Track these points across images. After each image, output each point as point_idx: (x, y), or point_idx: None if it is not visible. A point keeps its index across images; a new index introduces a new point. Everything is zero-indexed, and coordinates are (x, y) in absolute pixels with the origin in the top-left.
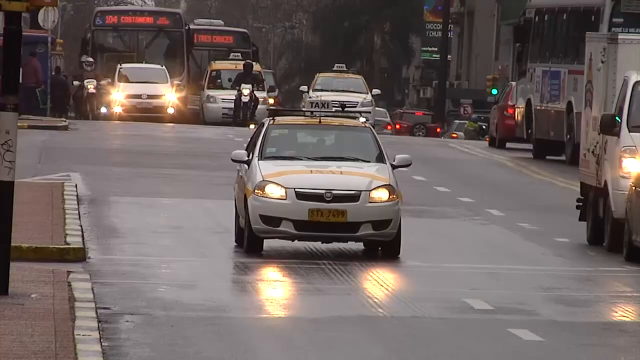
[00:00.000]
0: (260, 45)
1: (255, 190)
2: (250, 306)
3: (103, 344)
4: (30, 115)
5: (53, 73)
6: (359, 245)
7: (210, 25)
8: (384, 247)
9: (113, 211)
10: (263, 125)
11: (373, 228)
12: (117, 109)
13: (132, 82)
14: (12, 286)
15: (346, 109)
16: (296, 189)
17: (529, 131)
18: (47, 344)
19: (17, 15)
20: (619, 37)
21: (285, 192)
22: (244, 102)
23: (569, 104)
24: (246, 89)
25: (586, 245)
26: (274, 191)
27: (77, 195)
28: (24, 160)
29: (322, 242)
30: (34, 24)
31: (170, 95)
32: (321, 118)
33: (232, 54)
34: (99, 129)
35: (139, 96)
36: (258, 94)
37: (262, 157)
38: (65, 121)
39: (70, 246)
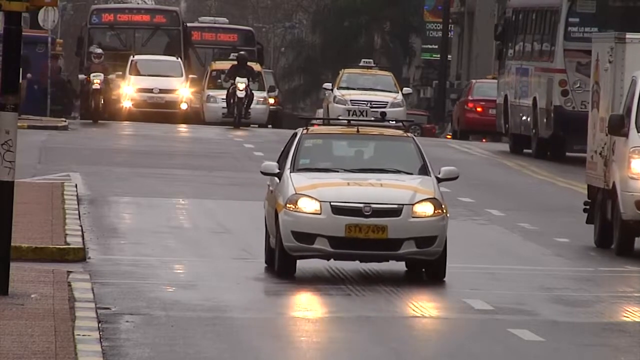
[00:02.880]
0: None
1: (287, 205)
2: (250, 306)
3: (103, 344)
4: (30, 115)
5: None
6: (400, 266)
7: (215, 23)
8: (427, 268)
9: (113, 211)
10: (295, 136)
11: (416, 245)
12: (127, 104)
13: (144, 75)
14: (12, 286)
15: (386, 117)
16: (332, 203)
17: (506, 126)
18: (47, 344)
19: (17, 15)
20: (627, 36)
21: (320, 206)
22: (238, 98)
23: (534, 99)
24: (241, 83)
25: (586, 245)
26: (307, 205)
27: (77, 195)
28: (24, 160)
29: (361, 261)
30: (34, 24)
31: (184, 90)
32: (359, 127)
33: (232, 53)
34: (99, 128)
35: (150, 90)
36: (258, 94)
37: (294, 169)
38: (65, 121)
39: (70, 246)
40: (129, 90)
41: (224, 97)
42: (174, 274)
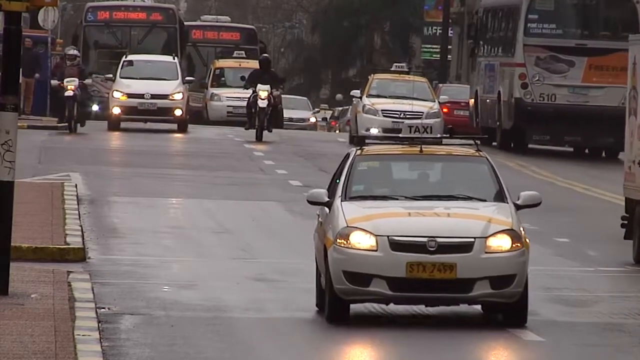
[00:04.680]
0: None
1: (337, 240)
2: (250, 306)
3: (103, 344)
4: (31, 115)
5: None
6: (472, 309)
7: (217, 21)
8: (505, 312)
9: (113, 211)
10: (348, 157)
11: (491, 286)
12: (115, 110)
13: (135, 78)
14: (12, 286)
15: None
16: (390, 237)
17: (477, 120)
18: (47, 344)
19: (17, 15)
20: None
21: (376, 242)
22: (260, 107)
23: (499, 93)
24: (263, 91)
25: (586, 245)
26: (361, 240)
27: (77, 195)
28: (24, 160)
29: (426, 306)
30: (34, 24)
31: (179, 95)
32: (422, 146)
33: (235, 51)
34: (99, 128)
35: (140, 95)
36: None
37: (346, 197)
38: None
39: (70, 246)
40: (117, 95)
41: (229, 95)
42: (174, 274)
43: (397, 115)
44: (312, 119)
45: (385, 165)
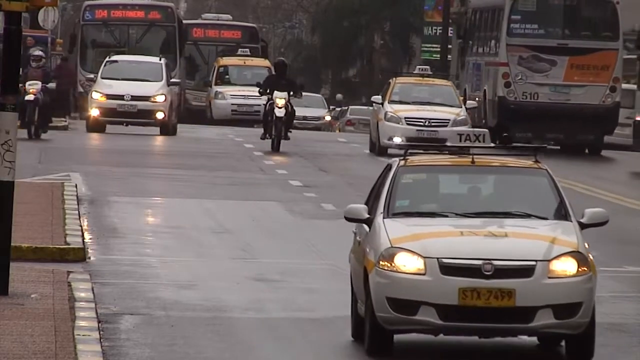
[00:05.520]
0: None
1: (380, 262)
2: (250, 306)
3: (103, 344)
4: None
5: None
6: (532, 342)
7: (218, 20)
8: (569, 344)
9: (113, 211)
10: (390, 169)
11: (555, 316)
12: (94, 112)
13: (116, 79)
14: (12, 286)
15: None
16: (440, 260)
17: None
18: (47, 344)
19: (17, 15)
20: None
21: (425, 264)
22: (277, 116)
23: (484, 92)
24: (280, 99)
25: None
26: (407, 262)
27: (77, 195)
28: (24, 160)
29: (480, 337)
30: (34, 24)
31: (161, 97)
32: (474, 156)
33: (240, 49)
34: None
35: (120, 97)
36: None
37: (389, 213)
38: (66, 121)
39: (70, 246)
40: (96, 96)
41: (233, 93)
42: (174, 274)
43: (421, 123)
44: (328, 117)
45: (433, 177)
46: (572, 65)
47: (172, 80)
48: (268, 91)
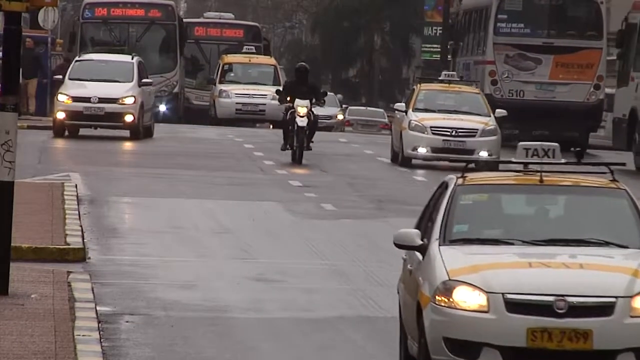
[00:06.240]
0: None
1: (436, 297)
2: (250, 306)
3: (103, 344)
4: (30, 115)
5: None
6: None
7: (220, 18)
8: None
9: (113, 211)
10: (446, 188)
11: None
12: (60, 115)
13: (83, 80)
14: (12, 286)
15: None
16: (506, 295)
17: None
18: (47, 344)
19: (17, 15)
20: None
21: (488, 300)
22: (299, 126)
23: None
24: (302, 107)
25: None
26: (468, 298)
27: (77, 195)
28: (24, 160)
29: None
30: (34, 24)
31: (130, 99)
32: (543, 174)
33: (245, 47)
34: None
35: (87, 99)
36: (275, 89)
37: (446, 240)
38: None
39: (70, 246)
40: (62, 99)
41: (238, 92)
42: (174, 274)
43: (448, 133)
44: (340, 116)
45: (496, 198)
46: (557, 64)
47: (144, 80)
48: (288, 99)
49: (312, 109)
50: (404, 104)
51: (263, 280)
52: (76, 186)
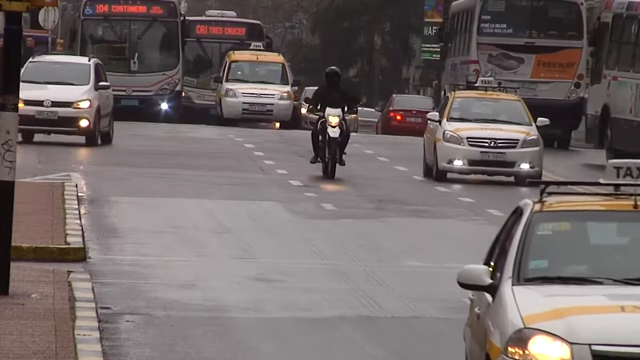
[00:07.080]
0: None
1: (509, 348)
2: (250, 306)
3: (103, 344)
4: None
5: None
6: None
7: (223, 16)
8: None
9: (113, 211)
10: (521, 215)
11: None
12: None
13: (36, 82)
14: (12, 286)
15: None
16: (594, 347)
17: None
18: (47, 344)
19: (17, 15)
20: None
21: (571, 353)
22: (330, 137)
23: None
24: (334, 117)
25: None
26: (547, 350)
27: (77, 195)
28: (24, 160)
29: None
30: (34, 24)
31: (85, 103)
32: (638, 198)
33: (253, 44)
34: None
35: (39, 103)
36: (282, 88)
37: (520, 278)
38: None
39: (71, 246)
40: None
41: (244, 91)
42: (174, 274)
43: (486, 144)
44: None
45: (581, 228)
46: (539, 63)
47: (101, 83)
48: (319, 107)
49: (345, 118)
50: (437, 113)
51: (263, 280)
52: (76, 186)
